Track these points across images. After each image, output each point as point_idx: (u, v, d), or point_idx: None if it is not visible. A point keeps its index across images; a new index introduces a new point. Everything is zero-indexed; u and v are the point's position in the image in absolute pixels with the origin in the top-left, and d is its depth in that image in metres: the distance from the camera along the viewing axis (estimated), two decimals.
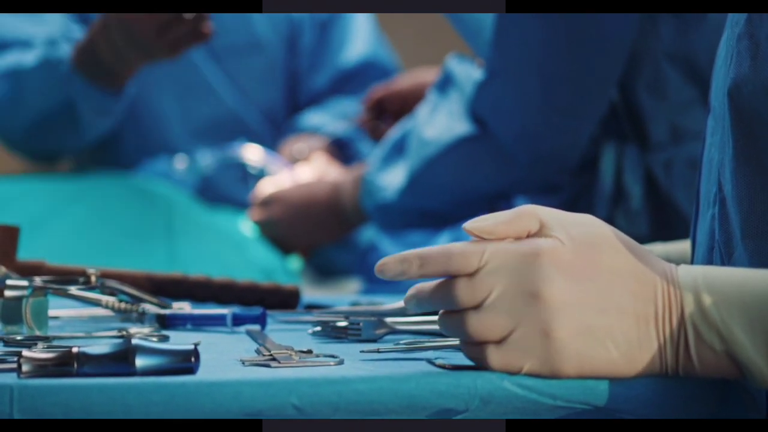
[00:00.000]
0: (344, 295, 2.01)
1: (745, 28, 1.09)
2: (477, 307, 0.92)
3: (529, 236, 0.93)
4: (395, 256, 0.95)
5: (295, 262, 2.21)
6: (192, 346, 0.94)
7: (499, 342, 0.92)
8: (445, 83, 1.82)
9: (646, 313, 0.92)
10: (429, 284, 0.95)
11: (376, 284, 2.18)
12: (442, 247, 0.93)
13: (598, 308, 0.92)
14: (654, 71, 1.61)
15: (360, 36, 2.55)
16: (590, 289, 0.92)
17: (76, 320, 1.30)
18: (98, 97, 2.14)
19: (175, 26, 1.94)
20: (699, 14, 1.57)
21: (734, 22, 1.11)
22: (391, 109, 2.32)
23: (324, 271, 2.30)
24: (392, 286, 2.17)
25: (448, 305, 0.94)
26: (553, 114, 1.61)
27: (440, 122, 1.77)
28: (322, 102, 2.54)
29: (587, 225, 0.94)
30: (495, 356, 0.92)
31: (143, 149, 2.42)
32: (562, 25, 1.57)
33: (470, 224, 0.94)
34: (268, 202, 2.19)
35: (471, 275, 0.92)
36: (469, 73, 1.76)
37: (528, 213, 0.93)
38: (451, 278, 0.93)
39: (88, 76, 2.12)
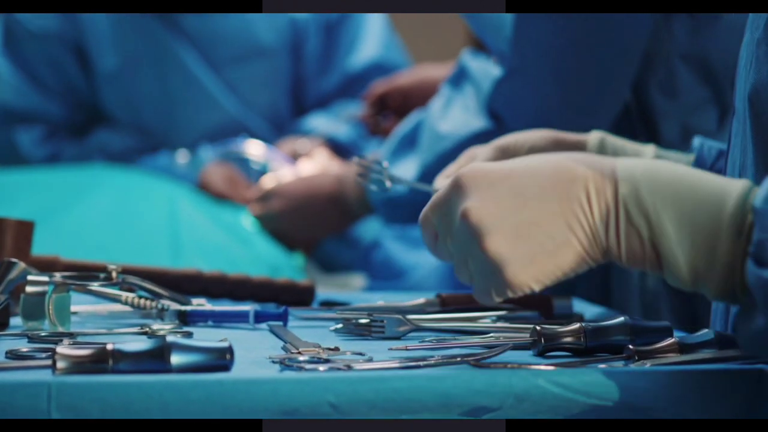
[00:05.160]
0: (351, 292, 2.01)
1: (764, 33, 1.09)
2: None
3: None
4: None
5: (298, 259, 2.21)
6: (227, 344, 0.94)
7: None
8: (459, 77, 1.81)
9: (570, 199, 0.94)
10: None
11: (380, 280, 2.18)
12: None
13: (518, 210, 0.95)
14: (667, 71, 1.62)
15: (370, 38, 2.53)
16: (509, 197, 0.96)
17: (94, 316, 1.29)
18: None
19: None
20: (713, 14, 1.57)
21: (754, 27, 1.11)
22: (393, 105, 2.32)
23: (327, 267, 2.30)
24: (397, 281, 2.17)
25: None
26: (569, 111, 1.62)
27: (455, 117, 1.77)
28: (328, 105, 2.52)
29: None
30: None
31: (143, 150, 2.41)
32: (579, 25, 1.57)
33: None
34: (268, 196, 2.18)
35: None
36: (484, 68, 1.76)
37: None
38: None
39: None
